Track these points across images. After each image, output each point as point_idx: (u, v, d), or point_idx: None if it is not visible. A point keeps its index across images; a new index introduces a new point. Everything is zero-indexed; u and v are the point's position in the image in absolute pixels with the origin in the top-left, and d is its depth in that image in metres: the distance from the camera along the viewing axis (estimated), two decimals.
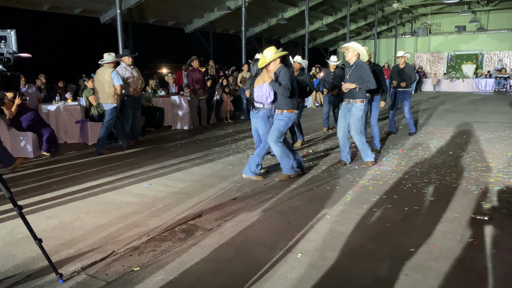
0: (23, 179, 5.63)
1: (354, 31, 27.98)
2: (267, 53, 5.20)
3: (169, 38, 18.45)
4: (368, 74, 5.71)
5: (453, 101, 16.81)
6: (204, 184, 5.26)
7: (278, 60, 5.18)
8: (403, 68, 8.42)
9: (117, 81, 7.14)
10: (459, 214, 4.05)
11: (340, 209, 4.26)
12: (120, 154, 7.28)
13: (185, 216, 4.12)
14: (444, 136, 8.57)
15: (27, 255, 3.27)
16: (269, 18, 20.56)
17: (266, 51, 5.22)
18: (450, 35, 27.77)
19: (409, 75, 8.32)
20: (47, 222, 4.00)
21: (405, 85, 8.35)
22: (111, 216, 4.16)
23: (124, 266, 3.09)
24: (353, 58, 5.87)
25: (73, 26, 14.69)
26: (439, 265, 3.04)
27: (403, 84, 8.33)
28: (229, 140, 8.49)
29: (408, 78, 8.32)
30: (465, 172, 5.65)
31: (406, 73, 8.33)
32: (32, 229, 2.78)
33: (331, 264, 3.08)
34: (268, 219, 4.01)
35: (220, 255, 3.27)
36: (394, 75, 8.50)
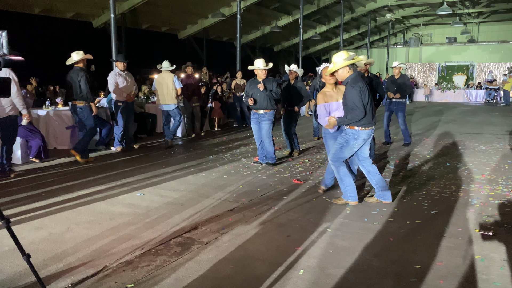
0: (10, 187, 5.42)
1: (347, 41, 28.11)
2: (337, 59, 4.52)
3: (162, 44, 18.28)
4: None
5: (445, 112, 16.88)
6: (199, 194, 5.11)
7: (347, 68, 4.49)
8: (397, 79, 8.37)
9: (178, 84, 8.45)
10: (462, 229, 3.96)
11: (340, 222, 4.14)
12: (112, 161, 7.10)
13: (181, 228, 3.96)
14: (439, 147, 8.52)
15: (14, 270, 3.09)
16: (263, 26, 20.56)
17: (336, 57, 4.54)
18: (442, 46, 28.02)
19: (404, 86, 8.27)
20: (36, 234, 3.82)
21: (399, 97, 8.30)
22: (103, 227, 3.99)
23: (117, 282, 2.93)
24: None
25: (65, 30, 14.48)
26: (447, 284, 2.92)
27: (397, 96, 8.28)
28: (223, 148, 8.35)
29: (403, 90, 8.27)
30: (464, 185, 5.57)
31: (401, 84, 8.28)
32: (20, 243, 2.60)
33: (335, 281, 2.95)
34: (267, 233, 3.87)
35: (218, 271, 3.12)
36: (389, 86, 8.44)
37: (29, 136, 6.82)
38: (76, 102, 6.77)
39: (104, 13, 13.73)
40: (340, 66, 4.49)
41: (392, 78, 8.52)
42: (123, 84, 7.71)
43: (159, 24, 16.98)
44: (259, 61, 6.54)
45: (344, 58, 4.50)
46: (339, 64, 4.50)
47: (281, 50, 25.48)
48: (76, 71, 6.69)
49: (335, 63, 4.55)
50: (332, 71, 4.60)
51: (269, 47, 25.01)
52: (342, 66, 4.49)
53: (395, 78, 8.40)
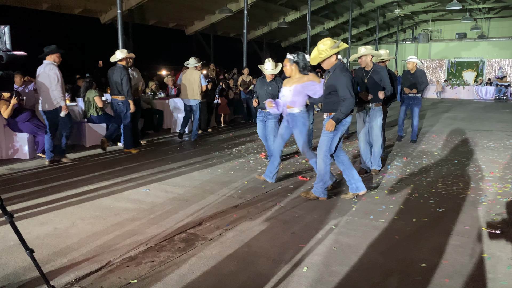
0: (17, 182, 5.46)
1: (355, 36, 27.94)
2: (321, 46, 4.44)
3: (170, 40, 18.30)
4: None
5: (454, 108, 16.71)
6: (204, 190, 5.10)
7: (334, 56, 4.45)
8: (414, 73, 8.22)
9: (204, 82, 8.68)
10: (469, 227, 3.90)
11: (345, 220, 4.10)
12: (118, 157, 7.12)
13: (185, 224, 3.96)
14: (447, 144, 8.43)
15: (18, 264, 3.10)
16: (271, 21, 20.48)
17: (321, 44, 4.46)
18: (451, 42, 27.75)
19: (420, 80, 8.13)
20: (41, 229, 3.83)
21: (416, 91, 8.17)
22: (107, 223, 4.00)
23: (121, 278, 2.93)
24: (369, 63, 5.67)
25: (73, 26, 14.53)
26: (453, 283, 2.88)
27: (414, 91, 8.14)
28: (229, 144, 8.33)
29: (419, 84, 8.13)
30: (472, 182, 5.51)
31: (417, 78, 8.14)
32: (23, 238, 2.61)
33: (339, 279, 2.92)
34: (271, 229, 3.85)
35: (221, 267, 3.10)
36: (405, 81, 8.30)
37: (36, 131, 6.85)
38: (116, 97, 7.14)
39: (112, 9, 13.76)
40: (328, 55, 4.39)
41: (407, 72, 8.36)
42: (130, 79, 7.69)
43: (167, 20, 16.99)
44: (268, 64, 6.39)
45: (330, 47, 4.39)
46: (327, 53, 4.39)
47: (289, 46, 25.38)
48: (119, 69, 7.03)
49: (321, 51, 4.42)
50: (320, 60, 4.46)
51: (277, 43, 24.92)
52: (329, 55, 4.39)
53: (411, 72, 8.25)
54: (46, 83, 6.16)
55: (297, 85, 4.94)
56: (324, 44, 4.41)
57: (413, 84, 8.14)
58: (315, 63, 4.54)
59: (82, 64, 13.45)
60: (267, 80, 6.45)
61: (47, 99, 6.25)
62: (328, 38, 4.49)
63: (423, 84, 8.15)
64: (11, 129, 6.81)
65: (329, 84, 4.52)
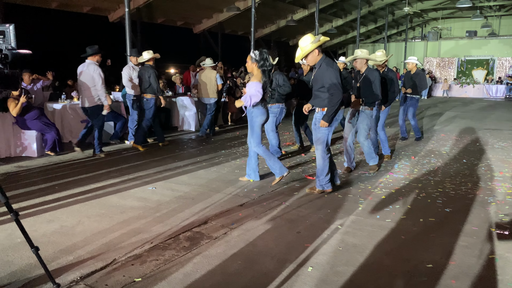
0: (25, 179, 5.50)
1: (364, 34, 27.74)
2: (303, 43, 4.51)
3: (177, 38, 18.32)
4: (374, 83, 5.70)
5: (463, 107, 16.55)
6: (210, 189, 5.10)
7: (316, 51, 4.51)
8: (414, 74, 8.19)
9: (220, 81, 9.08)
10: (477, 228, 3.86)
11: (351, 219, 4.07)
12: (125, 155, 7.15)
13: (190, 223, 3.96)
14: (456, 143, 8.35)
15: (25, 262, 3.12)
16: (278, 19, 20.40)
17: (302, 41, 4.53)
18: (461, 40, 27.43)
19: (418, 82, 8.09)
20: (47, 226, 3.86)
21: (411, 92, 8.16)
22: (113, 221, 4.01)
23: (125, 276, 2.94)
24: (363, 66, 5.76)
25: (81, 25, 14.61)
26: (460, 284, 2.84)
27: (409, 91, 8.14)
28: (236, 143, 8.33)
29: (416, 86, 8.10)
30: (481, 182, 5.44)
31: (416, 79, 8.10)
32: (28, 236, 2.62)
33: (344, 280, 2.90)
34: (277, 228, 3.83)
35: (226, 266, 3.10)
36: (406, 81, 8.28)
37: (44, 129, 6.90)
38: (144, 95, 7.54)
39: (120, 7, 13.79)
40: (310, 49, 4.43)
41: (409, 73, 8.35)
42: (137, 78, 7.74)
43: (175, 19, 17.00)
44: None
45: (311, 42, 4.43)
46: (308, 48, 4.43)
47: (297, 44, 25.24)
48: (147, 68, 7.44)
49: (302, 48, 4.48)
50: (302, 56, 4.53)
51: (284, 41, 24.84)
52: (311, 50, 4.44)
53: (411, 73, 8.24)
54: (87, 82, 6.59)
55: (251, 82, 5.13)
56: (304, 41, 4.47)
57: (413, 85, 8.10)
58: (299, 60, 4.65)
59: None
60: None
61: (88, 96, 6.66)
62: (308, 34, 4.54)
63: (421, 87, 8.14)
64: (19, 127, 6.87)
65: (317, 79, 4.59)
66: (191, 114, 10.04)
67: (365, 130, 5.84)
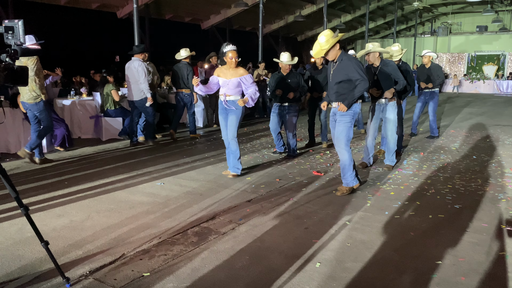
0: (35, 174, 5.55)
1: (373, 30, 27.54)
2: (322, 39, 4.44)
3: (186, 34, 18.31)
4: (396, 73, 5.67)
5: (474, 103, 16.38)
6: (218, 185, 5.11)
7: (337, 45, 4.53)
8: (429, 67, 8.07)
9: None
10: (487, 224, 3.82)
11: (360, 215, 4.06)
12: (134, 151, 7.18)
13: (198, 218, 3.97)
14: (466, 139, 8.27)
15: (35, 256, 3.16)
16: (286, 15, 20.31)
17: (321, 37, 4.46)
18: (471, 35, 27.11)
19: (436, 74, 7.98)
20: (57, 221, 3.89)
21: (432, 86, 8.03)
22: (122, 216, 4.04)
23: (134, 271, 2.95)
24: (376, 60, 5.70)
25: (90, 21, 14.68)
26: (469, 281, 2.82)
27: (430, 85, 8.00)
28: (244, 139, 8.32)
29: (434, 78, 7.98)
30: (491, 178, 5.39)
31: (433, 73, 7.99)
32: (38, 231, 2.65)
33: (352, 276, 2.89)
34: (285, 224, 3.83)
35: (234, 261, 3.10)
36: (420, 76, 8.16)
37: (54, 125, 6.94)
38: (182, 90, 8.05)
39: (128, 3, 13.83)
40: (331, 44, 4.43)
41: (422, 67, 8.21)
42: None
43: (183, 15, 17.01)
44: (284, 55, 6.50)
45: (332, 36, 4.43)
46: (330, 43, 4.42)
47: (305, 39, 25.16)
48: (184, 65, 7.94)
49: (323, 44, 4.45)
50: (324, 52, 4.49)
51: (293, 37, 24.75)
52: (333, 44, 4.45)
53: (426, 67, 8.11)
54: (134, 77, 7.12)
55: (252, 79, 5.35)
56: (325, 35, 4.44)
57: (428, 79, 7.99)
58: (320, 56, 4.63)
59: (99, 58, 13.58)
60: (283, 73, 6.48)
61: (135, 90, 7.21)
62: (327, 30, 4.52)
63: (439, 79, 8.00)
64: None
65: (339, 74, 4.58)
66: (198, 110, 10.04)
67: (394, 124, 5.71)
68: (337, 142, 4.72)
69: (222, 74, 5.29)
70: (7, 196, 4.16)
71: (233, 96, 5.26)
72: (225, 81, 5.25)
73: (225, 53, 5.21)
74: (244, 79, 5.24)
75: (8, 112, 6.69)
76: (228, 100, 5.26)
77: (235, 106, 5.24)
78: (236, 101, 5.24)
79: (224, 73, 5.28)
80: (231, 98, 5.26)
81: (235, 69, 5.25)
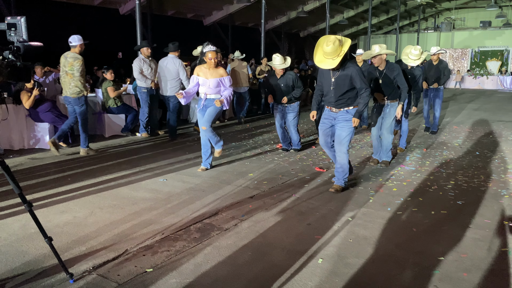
0: (38, 171, 5.58)
1: (376, 25, 27.43)
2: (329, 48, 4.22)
3: (188, 30, 18.29)
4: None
5: (477, 99, 16.32)
6: (220, 181, 5.12)
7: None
8: (437, 65, 7.97)
9: (250, 70, 10.26)
10: (490, 220, 3.82)
11: (362, 212, 4.06)
12: (137, 147, 7.20)
13: (201, 214, 3.98)
14: (469, 135, 8.25)
15: (39, 252, 3.18)
16: (289, 11, 20.24)
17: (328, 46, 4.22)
18: (475, 30, 26.97)
19: (443, 72, 7.88)
20: (60, 217, 3.91)
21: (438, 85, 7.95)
22: (125, 212, 4.05)
23: (137, 266, 2.97)
24: (383, 63, 5.55)
25: (92, 17, 14.67)
26: (471, 277, 2.83)
27: (435, 85, 7.91)
28: (246, 135, 8.33)
29: (442, 77, 7.88)
30: (494, 175, 5.37)
31: (441, 70, 7.88)
32: (42, 227, 2.67)
33: (354, 271, 2.90)
34: (287, 220, 3.84)
35: (236, 257, 3.12)
36: (428, 73, 8.00)
37: (57, 121, 6.97)
38: None
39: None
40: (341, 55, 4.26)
41: (430, 63, 8.08)
42: (147, 70, 7.77)
43: (185, 11, 16.98)
44: (277, 58, 6.30)
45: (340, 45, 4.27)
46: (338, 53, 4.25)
47: (307, 35, 25.09)
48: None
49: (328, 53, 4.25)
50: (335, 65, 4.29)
51: (295, 33, 24.67)
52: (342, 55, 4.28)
53: (433, 64, 8.00)
54: (171, 73, 7.54)
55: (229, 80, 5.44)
56: (333, 44, 4.19)
57: (435, 76, 7.90)
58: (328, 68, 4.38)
59: (101, 55, 13.58)
60: (277, 76, 6.44)
61: (171, 86, 7.59)
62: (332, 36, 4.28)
63: (445, 77, 7.92)
64: (32, 119, 6.95)
65: (343, 82, 4.45)
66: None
67: (391, 125, 5.68)
68: (340, 147, 4.63)
69: (202, 74, 5.31)
70: (10, 193, 4.18)
71: (214, 95, 5.33)
72: (205, 81, 5.28)
73: (205, 53, 5.23)
74: (223, 80, 5.29)
75: (11, 109, 6.72)
76: (208, 98, 5.33)
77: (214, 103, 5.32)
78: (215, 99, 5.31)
79: (204, 73, 5.30)
80: (211, 97, 5.33)
81: (215, 69, 5.29)
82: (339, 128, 4.62)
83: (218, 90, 5.33)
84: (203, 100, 5.35)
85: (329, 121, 4.72)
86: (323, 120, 4.80)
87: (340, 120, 4.60)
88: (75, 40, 6.10)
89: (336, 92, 4.53)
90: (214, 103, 5.28)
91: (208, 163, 5.65)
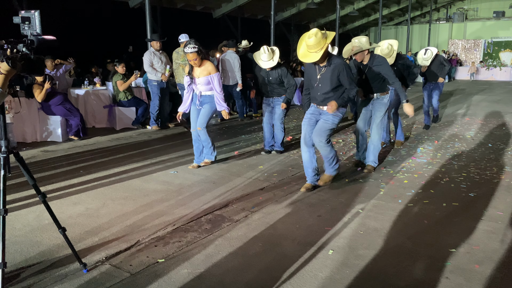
0: (51, 164, 5.65)
1: (386, 17, 27.11)
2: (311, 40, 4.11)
3: (197, 23, 18.26)
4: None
5: (490, 91, 16.09)
6: (230, 173, 5.14)
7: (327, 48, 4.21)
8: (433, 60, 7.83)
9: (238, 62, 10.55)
10: (502, 213, 3.78)
11: (373, 204, 4.05)
12: (147, 140, 7.25)
13: (212, 206, 4.01)
14: (481, 127, 8.15)
15: (53, 242, 3.23)
16: (299, 2, 20.08)
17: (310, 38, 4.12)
18: (488, 21, 26.52)
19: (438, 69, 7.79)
20: (73, 208, 3.97)
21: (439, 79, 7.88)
22: (137, 203, 4.10)
23: (149, 257, 3.01)
24: (365, 57, 4.99)
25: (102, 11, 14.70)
26: (483, 269, 2.81)
27: (441, 80, 7.84)
28: (256, 128, 8.33)
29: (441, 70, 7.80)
30: (507, 167, 5.31)
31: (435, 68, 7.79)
32: (56, 217, 2.71)
33: (365, 263, 2.90)
34: (297, 212, 3.85)
35: (247, 248, 3.14)
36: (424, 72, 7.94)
37: (68, 115, 7.04)
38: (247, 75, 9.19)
39: None
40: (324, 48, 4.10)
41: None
42: (158, 63, 7.79)
43: (194, 3, 16.94)
44: (264, 55, 5.64)
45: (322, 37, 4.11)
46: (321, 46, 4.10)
47: (318, 27, 24.84)
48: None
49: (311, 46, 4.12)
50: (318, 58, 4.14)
51: (305, 24, 24.49)
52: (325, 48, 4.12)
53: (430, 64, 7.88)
54: (231, 66, 8.71)
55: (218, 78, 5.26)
56: (315, 36, 4.05)
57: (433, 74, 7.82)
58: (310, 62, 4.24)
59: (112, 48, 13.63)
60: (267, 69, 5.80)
61: (232, 77, 8.79)
62: (314, 29, 4.17)
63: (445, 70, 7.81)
64: (44, 112, 7.03)
65: (329, 80, 4.28)
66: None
67: (382, 120, 5.19)
68: (319, 138, 4.35)
69: (192, 71, 5.19)
70: (24, 184, 4.25)
71: (209, 92, 5.19)
72: (195, 79, 5.18)
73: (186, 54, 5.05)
74: (211, 78, 5.09)
75: (23, 102, 6.79)
76: (204, 95, 5.22)
77: (210, 100, 5.20)
78: (212, 95, 5.18)
79: (194, 70, 5.17)
80: (207, 93, 5.20)
81: (203, 66, 5.10)
82: (322, 120, 4.38)
83: (211, 87, 5.17)
84: (198, 96, 5.23)
85: (315, 116, 4.48)
86: (307, 115, 4.54)
87: (326, 114, 4.37)
88: (183, 37, 7.91)
89: (322, 89, 4.35)
90: (222, 113, 5.24)
91: (202, 159, 5.46)
